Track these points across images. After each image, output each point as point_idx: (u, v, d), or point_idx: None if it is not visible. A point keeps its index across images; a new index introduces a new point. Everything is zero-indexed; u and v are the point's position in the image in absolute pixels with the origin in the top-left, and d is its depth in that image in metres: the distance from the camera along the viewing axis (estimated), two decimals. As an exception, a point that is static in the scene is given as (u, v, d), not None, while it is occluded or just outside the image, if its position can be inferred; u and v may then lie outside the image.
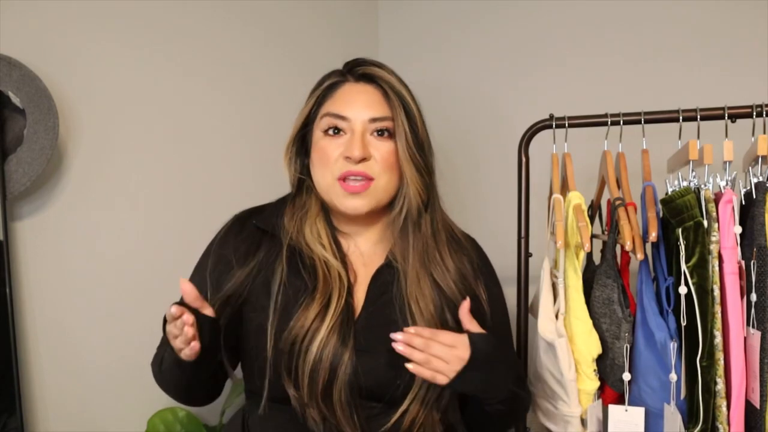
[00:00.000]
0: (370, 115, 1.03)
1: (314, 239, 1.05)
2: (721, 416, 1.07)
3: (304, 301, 1.00)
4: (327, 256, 1.04)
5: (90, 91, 1.39)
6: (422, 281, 1.04)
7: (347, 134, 1.03)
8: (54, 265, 1.35)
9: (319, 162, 1.05)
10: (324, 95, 1.07)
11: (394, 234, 1.08)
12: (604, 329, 1.18)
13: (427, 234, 1.07)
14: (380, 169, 1.03)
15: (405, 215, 1.06)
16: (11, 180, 1.23)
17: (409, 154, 1.03)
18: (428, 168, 1.06)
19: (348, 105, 1.04)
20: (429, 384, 0.99)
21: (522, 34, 1.92)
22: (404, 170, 1.03)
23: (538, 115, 1.37)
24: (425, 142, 1.06)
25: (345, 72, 1.09)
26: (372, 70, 1.07)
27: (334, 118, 1.04)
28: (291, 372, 0.98)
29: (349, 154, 1.01)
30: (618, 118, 1.28)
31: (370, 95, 1.05)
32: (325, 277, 1.02)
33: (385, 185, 1.04)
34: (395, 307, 1.03)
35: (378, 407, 1.00)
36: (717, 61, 1.64)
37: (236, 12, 1.69)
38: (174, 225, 1.54)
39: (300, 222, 1.07)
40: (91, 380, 1.40)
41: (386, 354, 0.98)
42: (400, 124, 1.03)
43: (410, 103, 1.05)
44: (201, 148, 1.61)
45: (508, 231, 1.46)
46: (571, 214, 1.23)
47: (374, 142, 1.03)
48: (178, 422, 1.44)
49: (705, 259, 1.08)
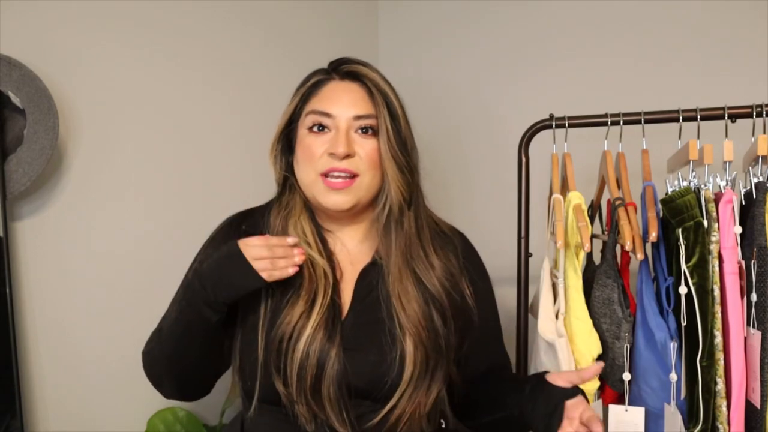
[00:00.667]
0: (355, 112, 1.03)
1: (299, 237, 1.06)
2: (721, 416, 1.07)
3: (290, 299, 1.01)
4: (312, 253, 1.04)
5: (90, 91, 1.39)
6: (405, 278, 1.04)
7: (332, 131, 1.04)
8: (54, 264, 1.35)
9: (303, 159, 1.05)
10: (309, 93, 1.08)
11: (379, 232, 1.08)
12: (604, 329, 1.18)
13: (410, 231, 1.06)
14: (365, 167, 1.03)
15: (387, 213, 1.06)
16: (11, 180, 1.23)
17: (391, 153, 1.03)
18: (410, 166, 1.06)
19: (333, 102, 1.04)
20: (416, 380, 0.99)
21: (522, 34, 1.92)
22: (386, 168, 1.03)
23: (538, 115, 1.37)
24: (408, 141, 1.06)
25: (330, 70, 1.09)
26: (357, 68, 1.07)
27: (319, 116, 1.04)
28: (280, 370, 0.99)
29: (333, 151, 1.01)
30: (618, 118, 1.28)
31: (355, 93, 1.05)
32: (310, 275, 1.02)
33: (369, 183, 1.04)
34: (381, 306, 1.04)
35: (367, 404, 1.00)
36: (717, 61, 1.64)
37: (236, 12, 1.69)
38: (174, 224, 1.54)
39: (284, 220, 1.08)
40: (91, 380, 1.40)
41: (374, 352, 0.99)
42: (383, 122, 1.03)
43: (394, 102, 1.05)
44: (201, 148, 1.61)
45: (508, 231, 1.46)
46: (571, 214, 1.23)
47: (358, 140, 1.04)
48: (178, 422, 1.43)
49: (705, 259, 1.08)
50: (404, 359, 0.99)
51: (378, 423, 0.99)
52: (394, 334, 1.01)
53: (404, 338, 1.00)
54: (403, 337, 1.00)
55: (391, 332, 1.01)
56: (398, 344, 1.00)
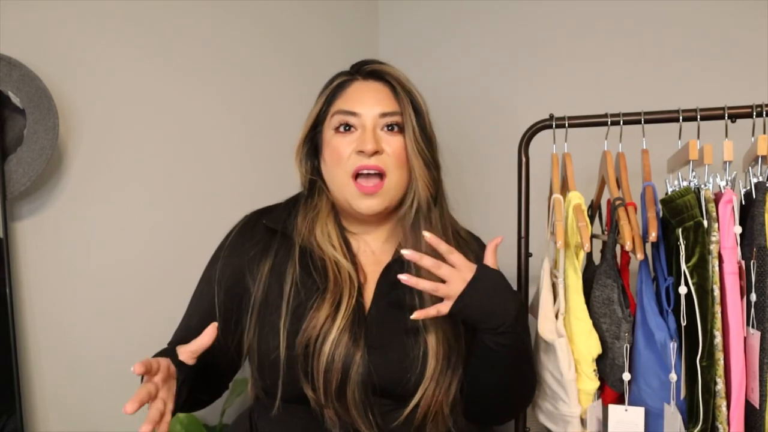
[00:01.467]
0: (380, 110, 1.04)
1: (325, 240, 1.06)
2: (720, 416, 1.07)
3: (315, 303, 1.01)
4: (337, 256, 1.05)
5: (90, 91, 1.39)
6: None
7: (358, 130, 1.04)
8: (54, 264, 1.35)
9: (331, 160, 1.06)
10: (333, 94, 1.09)
11: (405, 228, 1.09)
12: (604, 329, 1.18)
13: (437, 227, 1.08)
14: (392, 164, 1.04)
15: (416, 210, 1.07)
16: (11, 180, 1.23)
17: (417, 149, 1.05)
18: (436, 162, 1.08)
19: (358, 101, 1.05)
20: (438, 376, 1.00)
21: (522, 34, 1.92)
22: (413, 164, 1.05)
23: (538, 115, 1.37)
24: (432, 138, 1.09)
25: (353, 72, 1.10)
26: (380, 67, 1.09)
27: (345, 115, 1.05)
28: (308, 374, 0.99)
29: (361, 148, 1.02)
30: (618, 118, 1.28)
31: (379, 91, 1.07)
32: (336, 278, 1.03)
33: (397, 182, 1.05)
34: (405, 301, 1.04)
35: (390, 403, 1.01)
36: (717, 61, 1.64)
37: (236, 12, 1.69)
38: (174, 224, 1.54)
39: (311, 223, 1.08)
40: (91, 380, 1.40)
41: (397, 349, 0.99)
42: (409, 119, 1.04)
43: (418, 99, 1.07)
44: (201, 148, 1.61)
45: (508, 231, 1.46)
46: (571, 214, 1.23)
47: (385, 137, 1.05)
48: (178, 422, 1.43)
49: (705, 259, 1.08)
50: (427, 355, 1.00)
51: (404, 421, 1.00)
52: (417, 331, 1.01)
53: (427, 334, 1.01)
54: (426, 333, 1.01)
55: (414, 329, 1.02)
56: (421, 340, 1.00)
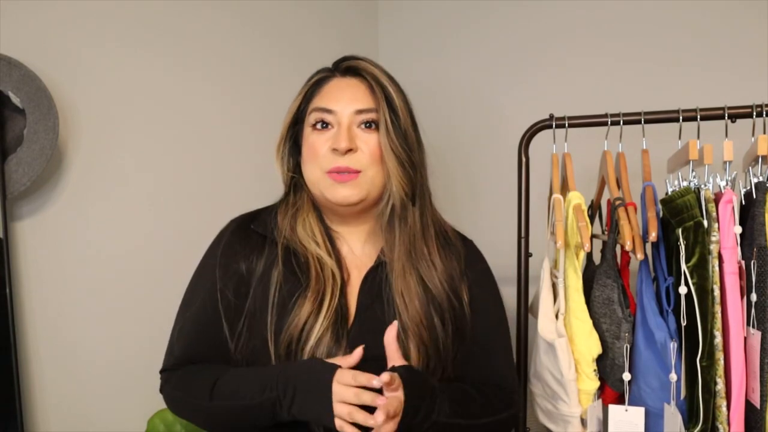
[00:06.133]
0: (356, 107, 1.03)
1: (307, 237, 1.05)
2: (721, 416, 1.07)
3: (298, 300, 1.00)
4: (321, 253, 1.04)
5: (90, 91, 1.39)
6: (408, 275, 1.03)
7: (334, 128, 1.04)
8: (54, 264, 1.35)
9: (308, 157, 1.05)
10: (312, 91, 1.08)
11: (383, 228, 1.07)
12: (604, 329, 1.18)
13: (414, 228, 1.06)
14: (367, 162, 1.02)
15: (390, 208, 1.06)
16: (11, 180, 1.23)
17: (391, 147, 1.02)
18: (411, 161, 1.04)
19: (334, 98, 1.04)
20: None
21: (522, 34, 1.92)
22: (387, 161, 1.02)
23: (538, 115, 1.37)
24: (410, 135, 1.05)
25: (332, 68, 1.09)
26: (357, 64, 1.07)
27: (321, 112, 1.04)
28: None
29: (335, 146, 1.01)
30: (618, 118, 1.28)
31: (356, 88, 1.05)
32: (318, 275, 1.02)
33: (373, 177, 1.03)
34: (385, 307, 1.03)
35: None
36: (717, 61, 1.64)
37: (236, 12, 1.69)
38: (174, 224, 1.54)
39: (293, 219, 1.07)
40: (91, 380, 1.40)
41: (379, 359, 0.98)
42: (383, 115, 1.02)
43: (393, 95, 1.04)
44: (201, 148, 1.61)
45: (508, 231, 1.46)
46: (571, 214, 1.23)
47: (361, 135, 1.03)
48: (178, 422, 1.43)
49: (705, 259, 1.08)
50: (408, 360, 0.99)
51: None
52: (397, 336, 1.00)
53: (407, 340, 1.00)
54: (406, 339, 1.00)
55: None
56: (401, 347, 1.00)
